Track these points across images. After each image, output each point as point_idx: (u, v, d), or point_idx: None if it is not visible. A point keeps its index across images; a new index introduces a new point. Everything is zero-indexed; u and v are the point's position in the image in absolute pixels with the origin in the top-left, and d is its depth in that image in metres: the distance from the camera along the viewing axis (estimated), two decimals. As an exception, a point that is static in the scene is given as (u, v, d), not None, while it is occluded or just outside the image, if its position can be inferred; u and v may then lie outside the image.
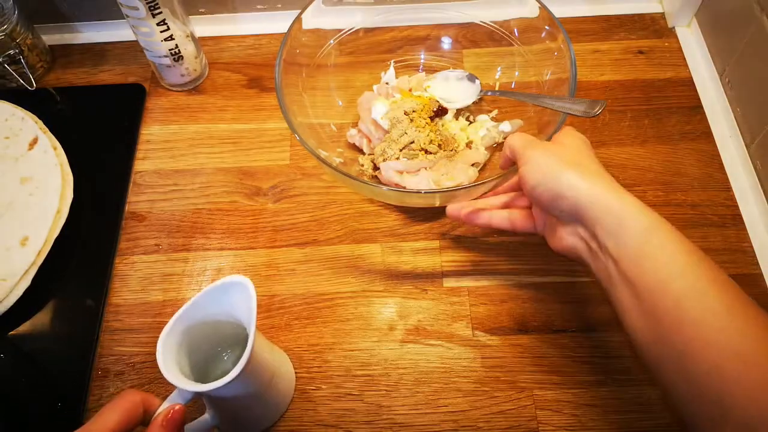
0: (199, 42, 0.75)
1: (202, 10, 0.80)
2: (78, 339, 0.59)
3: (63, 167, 0.65)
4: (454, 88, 0.69)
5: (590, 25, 0.80)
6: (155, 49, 0.70)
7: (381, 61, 0.73)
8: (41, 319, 0.60)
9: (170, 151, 0.72)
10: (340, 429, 0.55)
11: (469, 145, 0.66)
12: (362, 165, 0.66)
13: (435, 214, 0.65)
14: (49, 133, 0.68)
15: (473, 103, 0.69)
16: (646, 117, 0.72)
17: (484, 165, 0.66)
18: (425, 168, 0.62)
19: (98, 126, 0.73)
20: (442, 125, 0.66)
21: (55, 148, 0.66)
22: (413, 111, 0.64)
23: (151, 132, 0.74)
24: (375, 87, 0.70)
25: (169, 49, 0.70)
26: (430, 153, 0.62)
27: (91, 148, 0.71)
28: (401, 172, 0.62)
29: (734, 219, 0.64)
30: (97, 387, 0.57)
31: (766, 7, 0.63)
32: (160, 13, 0.66)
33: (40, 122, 0.69)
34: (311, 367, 0.58)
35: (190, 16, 0.72)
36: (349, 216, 0.66)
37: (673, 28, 0.79)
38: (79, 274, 0.63)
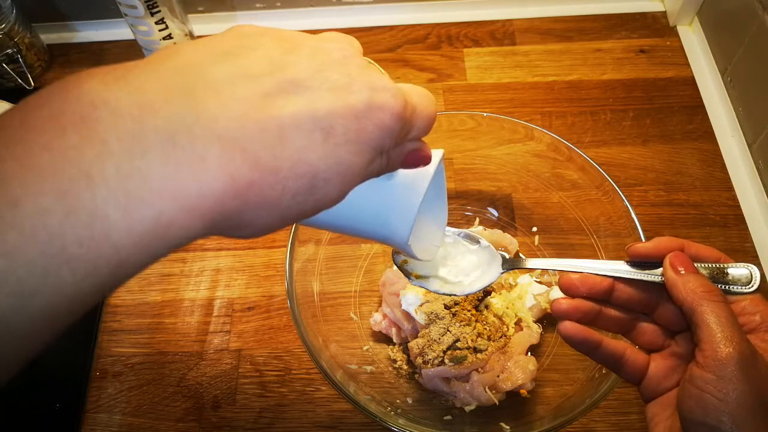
0: (198, 41, 0.75)
1: (201, 9, 0.80)
2: (76, 340, 0.59)
3: (61, 167, 0.65)
4: (450, 258, 0.46)
5: (591, 24, 0.80)
6: (154, 48, 0.70)
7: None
8: (39, 320, 0.60)
9: (169, 151, 0.71)
10: (339, 431, 0.54)
11: (518, 323, 0.55)
12: (395, 361, 0.56)
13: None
14: (47, 132, 0.68)
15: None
16: (647, 116, 0.72)
17: (539, 346, 0.55)
18: (477, 370, 0.51)
19: (97, 125, 0.73)
20: (486, 307, 0.55)
21: (53, 148, 0.66)
22: (455, 304, 0.53)
23: (150, 131, 0.73)
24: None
25: (168, 48, 0.70)
26: (480, 350, 0.52)
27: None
28: (449, 379, 0.52)
29: (736, 219, 0.64)
30: (95, 388, 0.57)
31: (769, 5, 0.63)
32: (159, 11, 0.66)
33: (38, 122, 0.68)
34: (311, 369, 0.57)
35: (188, 15, 0.72)
36: (348, 216, 0.66)
37: (675, 26, 0.79)
38: (77, 274, 0.62)
